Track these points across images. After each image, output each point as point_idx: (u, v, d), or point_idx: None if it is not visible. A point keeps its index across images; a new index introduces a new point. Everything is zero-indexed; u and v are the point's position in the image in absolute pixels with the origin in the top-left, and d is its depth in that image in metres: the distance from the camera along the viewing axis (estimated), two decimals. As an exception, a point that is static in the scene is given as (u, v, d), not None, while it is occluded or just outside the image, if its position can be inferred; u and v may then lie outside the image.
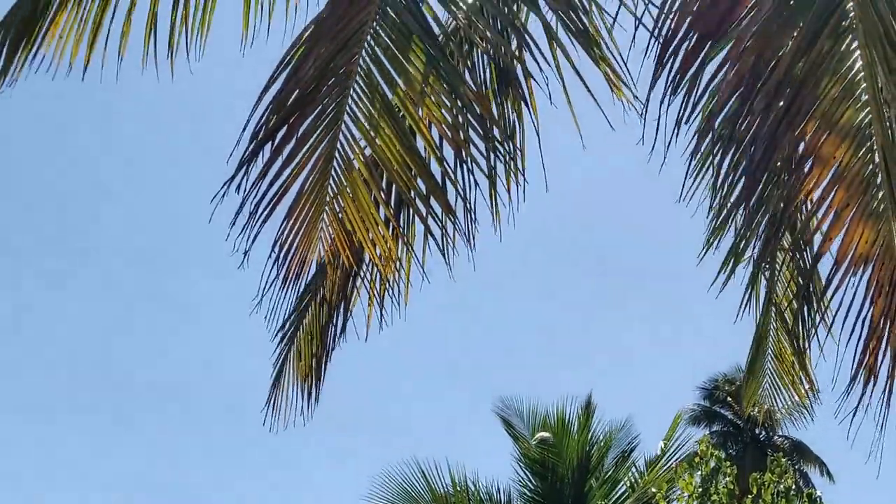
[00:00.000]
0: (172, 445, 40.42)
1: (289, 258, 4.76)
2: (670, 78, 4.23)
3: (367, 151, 4.71)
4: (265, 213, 4.69)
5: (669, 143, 4.33)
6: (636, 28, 4.50)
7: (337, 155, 4.65)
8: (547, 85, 4.87)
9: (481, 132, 4.78)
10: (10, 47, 5.05)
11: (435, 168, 4.86)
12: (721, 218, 5.64)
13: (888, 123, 4.16)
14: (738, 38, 4.20)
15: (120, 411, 40.78)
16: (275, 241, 4.74)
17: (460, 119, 4.74)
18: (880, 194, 4.16)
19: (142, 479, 36.48)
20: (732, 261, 5.60)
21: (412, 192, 4.76)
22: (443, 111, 4.71)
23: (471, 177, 4.93)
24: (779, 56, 4.16)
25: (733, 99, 4.24)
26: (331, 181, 4.66)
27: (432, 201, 4.82)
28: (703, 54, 4.23)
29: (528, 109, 5.17)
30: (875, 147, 4.14)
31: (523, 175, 5.02)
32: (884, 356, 4.22)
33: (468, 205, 4.93)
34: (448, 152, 4.92)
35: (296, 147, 4.68)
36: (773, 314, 6.75)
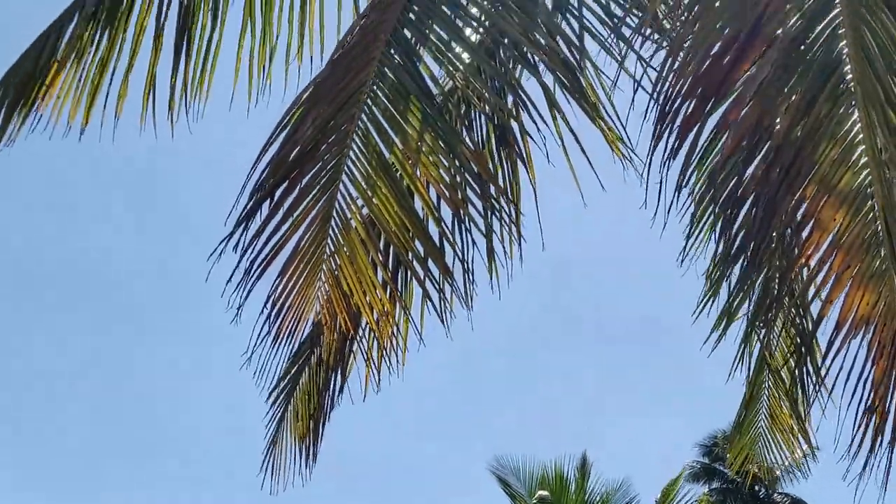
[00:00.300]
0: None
1: (282, 315, 4.72)
2: (669, 142, 4.22)
3: (365, 211, 4.69)
4: (260, 269, 4.66)
5: (670, 207, 4.31)
6: (635, 90, 4.51)
7: (334, 214, 4.63)
8: (544, 144, 4.89)
9: (479, 191, 4.77)
10: (8, 108, 5.06)
11: (432, 228, 4.84)
12: (717, 276, 5.66)
13: (888, 185, 4.15)
14: (736, 102, 4.19)
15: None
16: (268, 297, 4.71)
17: (458, 178, 4.73)
18: (882, 253, 4.14)
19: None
20: (726, 319, 5.61)
21: (409, 254, 4.73)
22: (440, 171, 4.70)
23: (469, 237, 4.92)
24: (777, 120, 4.15)
25: (732, 162, 4.23)
26: (328, 240, 4.64)
27: (430, 263, 4.79)
28: (701, 119, 4.22)
29: (526, 169, 5.17)
30: (875, 209, 4.13)
31: (520, 234, 5.01)
32: (886, 417, 4.18)
33: (466, 266, 4.90)
34: (446, 212, 4.91)
35: (293, 204, 4.67)
36: (766, 372, 6.74)
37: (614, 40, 4.81)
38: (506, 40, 4.89)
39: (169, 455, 39.93)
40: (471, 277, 4.94)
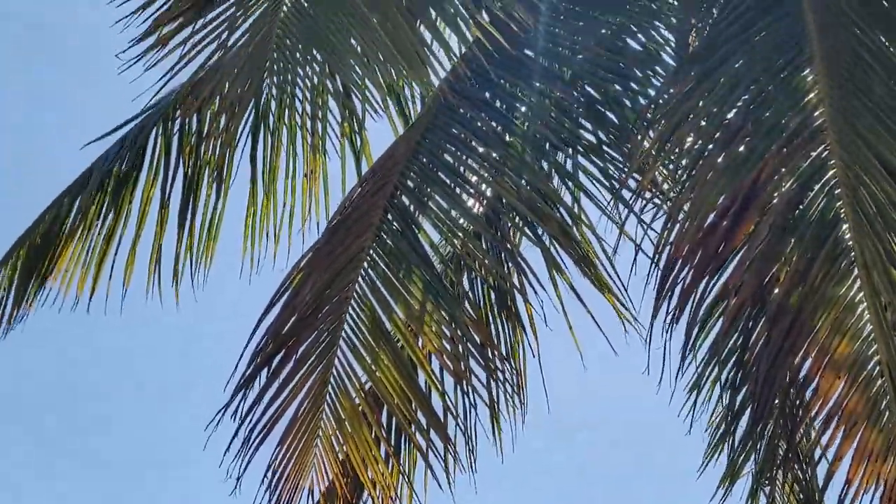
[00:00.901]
0: None
1: (281, 484, 4.67)
2: (671, 308, 4.22)
3: (368, 385, 4.66)
4: (259, 438, 4.64)
5: (677, 374, 4.29)
6: (636, 254, 4.53)
7: (333, 382, 4.61)
8: (542, 308, 4.90)
9: (482, 361, 4.75)
10: (20, 284, 5.12)
11: (434, 397, 4.81)
12: (721, 433, 5.60)
13: (892, 342, 4.12)
14: (735, 267, 4.20)
15: None
16: (268, 465, 4.67)
17: (460, 348, 4.71)
18: (888, 403, 4.09)
19: None
20: (731, 476, 5.54)
21: (412, 426, 4.69)
22: (443, 341, 4.69)
23: (472, 408, 4.89)
24: (776, 284, 4.15)
25: (734, 327, 4.22)
26: (327, 409, 4.61)
27: (432, 432, 4.75)
28: (702, 285, 4.22)
29: (527, 335, 5.16)
30: (880, 366, 4.10)
31: (522, 400, 4.99)
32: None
33: (469, 441, 4.87)
34: (448, 380, 4.88)
35: (291, 372, 4.66)
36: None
37: (614, 204, 4.86)
38: (504, 206, 4.93)
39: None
40: (474, 446, 4.90)
